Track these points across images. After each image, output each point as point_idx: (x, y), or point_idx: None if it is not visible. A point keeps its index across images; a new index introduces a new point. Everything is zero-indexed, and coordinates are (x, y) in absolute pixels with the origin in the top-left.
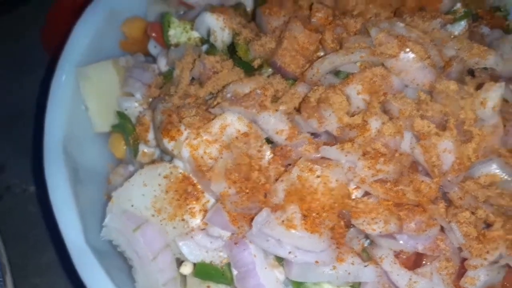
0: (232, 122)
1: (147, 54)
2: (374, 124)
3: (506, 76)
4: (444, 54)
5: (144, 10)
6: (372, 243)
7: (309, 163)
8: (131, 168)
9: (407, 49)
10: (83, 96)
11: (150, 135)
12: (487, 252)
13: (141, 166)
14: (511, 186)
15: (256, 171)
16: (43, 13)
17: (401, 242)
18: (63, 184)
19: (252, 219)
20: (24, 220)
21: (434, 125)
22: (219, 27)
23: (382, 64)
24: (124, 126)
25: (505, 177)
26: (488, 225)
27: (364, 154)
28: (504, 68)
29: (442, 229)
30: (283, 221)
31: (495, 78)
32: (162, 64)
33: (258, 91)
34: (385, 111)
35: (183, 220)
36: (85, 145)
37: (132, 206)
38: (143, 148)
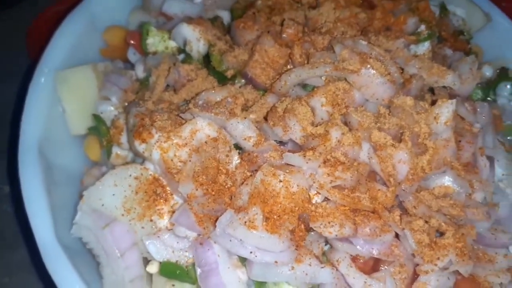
0: (202, 127)
1: (126, 61)
2: (335, 134)
3: (463, 95)
4: (405, 72)
5: (125, 19)
6: (331, 247)
7: (272, 168)
8: (104, 170)
9: (368, 66)
10: (61, 98)
11: (124, 138)
12: (438, 259)
13: (114, 168)
14: (462, 198)
15: (223, 174)
16: (29, 19)
17: (357, 246)
18: (35, 182)
19: (217, 220)
20: None
21: (391, 137)
22: (195, 37)
23: (345, 79)
24: (99, 128)
25: (457, 188)
26: (441, 234)
27: (324, 162)
28: (462, 87)
29: (397, 236)
30: (245, 222)
31: (453, 96)
32: (140, 71)
33: (229, 99)
34: (346, 123)
35: (151, 220)
36: (61, 147)
37: (103, 205)
38: (116, 150)
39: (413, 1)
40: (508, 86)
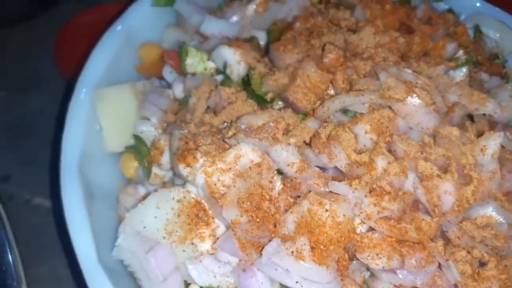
0: (246, 153)
1: (161, 78)
2: (381, 163)
3: (502, 122)
4: (447, 99)
5: (160, 36)
6: (372, 275)
7: (318, 197)
8: (140, 188)
9: (414, 95)
10: (98, 116)
11: (164, 159)
12: None
13: (154, 188)
14: (505, 228)
15: (267, 201)
16: (56, 29)
17: (400, 276)
18: (78, 202)
19: (260, 247)
20: (25, 231)
21: (437, 168)
22: (235, 60)
23: (389, 107)
24: (139, 148)
25: (500, 219)
26: (482, 264)
27: (370, 191)
28: (502, 115)
29: (439, 265)
30: (292, 252)
31: (492, 124)
32: (178, 91)
33: (271, 124)
34: (390, 151)
35: (192, 243)
36: (97, 164)
37: (144, 227)
38: (155, 170)
39: (450, 25)
40: None
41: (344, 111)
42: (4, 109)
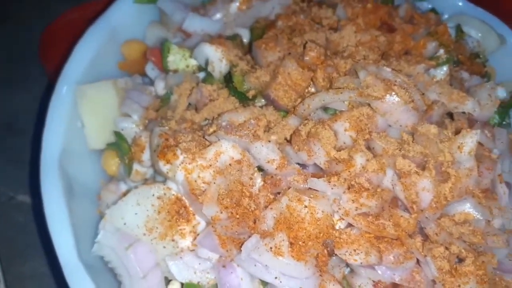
0: (226, 150)
1: (143, 75)
2: (359, 160)
3: (482, 120)
4: (426, 98)
5: (143, 33)
6: (352, 271)
7: (297, 193)
8: (122, 185)
9: (393, 93)
10: (80, 113)
11: (145, 156)
12: (459, 286)
13: (134, 185)
14: (482, 225)
15: (247, 197)
16: (42, 27)
17: (379, 272)
18: (58, 199)
19: (240, 243)
20: (8, 229)
21: (415, 165)
22: (217, 58)
23: (369, 105)
24: (120, 145)
25: (478, 216)
26: (460, 260)
27: (348, 188)
28: (481, 113)
29: (417, 262)
30: (271, 248)
31: (471, 121)
32: (160, 88)
33: (252, 121)
34: (369, 149)
35: (173, 240)
36: (79, 161)
37: (125, 224)
38: (136, 167)
39: (431, 24)
40: None
41: (325, 109)
42: None
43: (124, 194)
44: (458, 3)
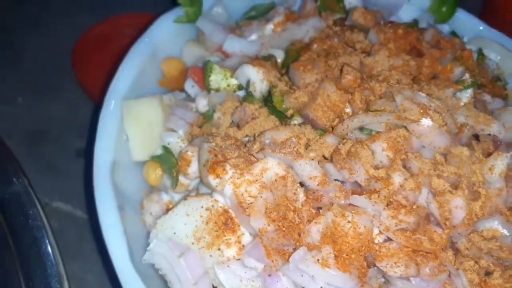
0: (272, 166)
1: (182, 91)
2: (397, 178)
3: (506, 142)
4: (455, 120)
5: (180, 51)
6: (386, 282)
7: (341, 209)
8: (164, 195)
9: (428, 117)
10: (126, 127)
11: (190, 169)
12: None
13: (183, 196)
14: (509, 241)
15: (291, 211)
16: (71, 37)
17: (414, 283)
18: (112, 210)
19: (284, 254)
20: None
21: (449, 184)
22: (258, 79)
23: (405, 127)
24: (168, 158)
25: (505, 232)
26: (488, 273)
27: (387, 205)
28: (506, 135)
29: (449, 274)
30: (318, 259)
31: (496, 143)
32: (201, 105)
33: (293, 139)
34: (405, 168)
35: (219, 249)
36: (125, 173)
37: (175, 233)
38: (180, 179)
39: (457, 49)
40: None
41: (361, 128)
42: (20, 116)
43: (167, 204)
44: (479, 27)
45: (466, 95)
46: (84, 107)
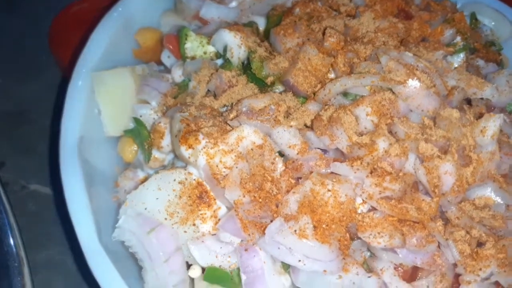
0: (248, 135)
1: (159, 62)
2: (382, 144)
3: (499, 107)
4: (445, 83)
5: (157, 21)
6: (372, 255)
7: (321, 177)
8: (139, 172)
9: (415, 77)
10: (97, 100)
11: (164, 142)
12: (480, 269)
13: (154, 171)
14: (502, 209)
15: (269, 182)
16: (50, 16)
17: (401, 256)
18: (78, 185)
19: (262, 227)
20: (21, 218)
21: (437, 149)
22: (236, 44)
23: (390, 89)
24: (140, 131)
25: (498, 200)
26: (480, 244)
27: (371, 172)
28: (499, 99)
29: (438, 245)
30: (295, 230)
31: (489, 108)
32: (177, 75)
33: (272, 107)
34: (391, 133)
35: (194, 225)
36: (96, 148)
37: (146, 209)
38: (155, 154)
39: (448, 12)
40: None
41: (345, 94)
42: (0, 97)
43: (143, 180)
44: None
45: (458, 60)
46: (63, 88)
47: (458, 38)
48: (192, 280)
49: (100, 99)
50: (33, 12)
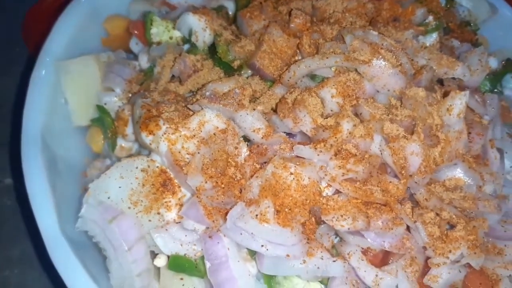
0: (210, 119)
1: (128, 51)
2: (346, 126)
3: (472, 86)
4: (415, 63)
5: (126, 8)
6: (341, 240)
7: (283, 161)
8: (108, 162)
9: (380, 56)
10: (63, 89)
11: (129, 130)
12: (450, 251)
13: (119, 160)
14: (473, 190)
15: (232, 167)
16: (23, 9)
17: (368, 239)
18: (39, 175)
19: (226, 213)
20: None
21: (403, 129)
22: (200, 27)
23: (356, 70)
24: (103, 120)
25: (468, 181)
26: (451, 226)
27: (335, 154)
28: (471, 79)
29: (408, 228)
30: (256, 215)
31: (462, 88)
32: (143, 61)
33: (237, 91)
34: (357, 115)
35: (158, 213)
36: (63, 138)
37: (109, 198)
38: (121, 142)
39: None
40: None
41: (312, 77)
42: None
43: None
44: None
45: (430, 39)
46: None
47: (430, 18)
48: (158, 269)
49: (66, 88)
50: (7, 4)
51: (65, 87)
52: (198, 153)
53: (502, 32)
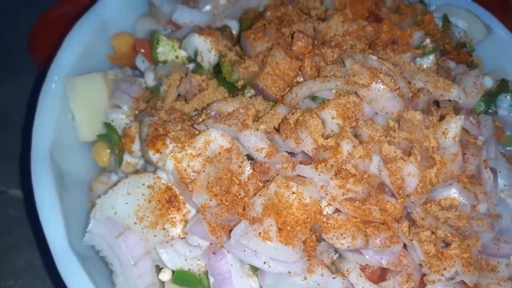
0: (215, 138)
1: (134, 68)
2: (346, 147)
3: (467, 108)
4: (412, 86)
5: (132, 26)
6: (340, 256)
7: (285, 180)
8: (113, 177)
9: (378, 80)
10: (71, 105)
11: (135, 146)
12: (445, 269)
13: (125, 175)
14: (467, 209)
15: (236, 185)
16: (31, 19)
17: (367, 256)
18: (48, 190)
19: (230, 230)
20: (1, 222)
21: (401, 151)
22: (206, 48)
23: (355, 93)
24: (110, 136)
25: (463, 200)
26: (447, 244)
27: (336, 174)
28: (466, 101)
29: (404, 246)
30: (260, 233)
31: (457, 109)
32: (150, 79)
33: (241, 111)
34: (356, 136)
35: (163, 229)
36: (70, 153)
37: (116, 213)
38: (127, 158)
39: (418, 14)
40: (508, 98)
41: (313, 98)
42: None
43: (115, 185)
44: None
45: (427, 62)
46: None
47: (428, 41)
48: (163, 283)
49: (73, 105)
50: (14, 15)
51: (72, 103)
52: (204, 171)
53: (496, 53)
